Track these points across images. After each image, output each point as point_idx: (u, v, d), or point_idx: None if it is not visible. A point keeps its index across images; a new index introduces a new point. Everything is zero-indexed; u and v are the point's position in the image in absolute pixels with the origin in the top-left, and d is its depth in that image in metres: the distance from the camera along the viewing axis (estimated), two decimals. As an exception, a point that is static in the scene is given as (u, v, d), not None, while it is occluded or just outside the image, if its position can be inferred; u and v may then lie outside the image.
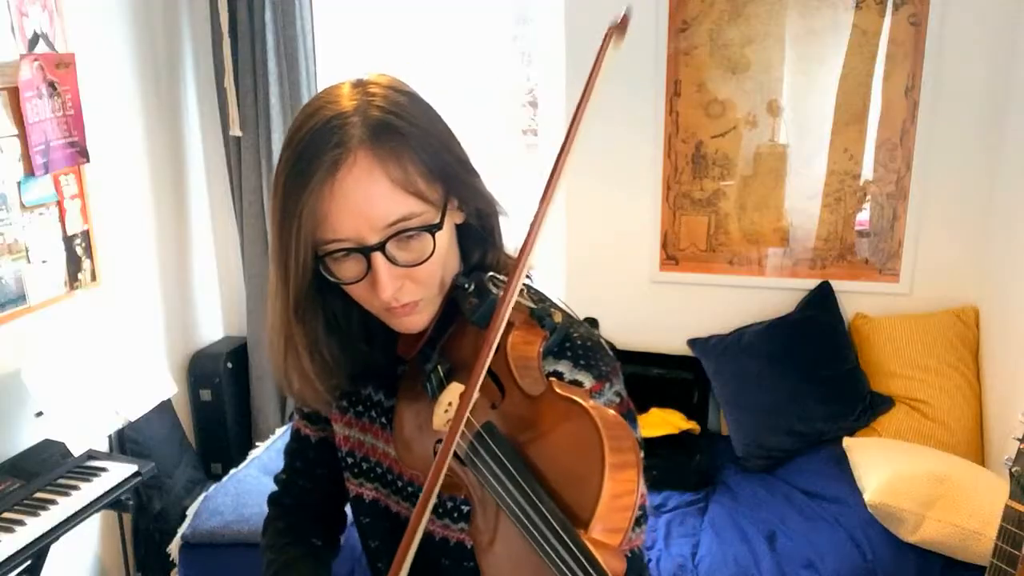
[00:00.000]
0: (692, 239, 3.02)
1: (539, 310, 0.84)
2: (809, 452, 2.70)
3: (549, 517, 0.68)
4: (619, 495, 0.69)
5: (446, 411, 0.81)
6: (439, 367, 0.86)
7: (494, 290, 0.85)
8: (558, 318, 0.85)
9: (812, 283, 2.91)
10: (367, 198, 0.79)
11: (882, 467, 2.32)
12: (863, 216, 2.88)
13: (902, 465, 2.31)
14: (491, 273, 0.87)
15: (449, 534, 0.95)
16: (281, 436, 2.98)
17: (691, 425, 2.90)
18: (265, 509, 1.18)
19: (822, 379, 2.75)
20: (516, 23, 3.13)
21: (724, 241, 2.99)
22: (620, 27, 0.77)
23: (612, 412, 0.73)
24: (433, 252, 0.83)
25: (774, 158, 2.89)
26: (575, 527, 0.68)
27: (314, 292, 0.88)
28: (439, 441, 0.83)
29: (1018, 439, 1.61)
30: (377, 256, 0.81)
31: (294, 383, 0.94)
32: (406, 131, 0.81)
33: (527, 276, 0.88)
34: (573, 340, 0.90)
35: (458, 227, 0.90)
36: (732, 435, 2.81)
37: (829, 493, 2.48)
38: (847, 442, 2.56)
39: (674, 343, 3.04)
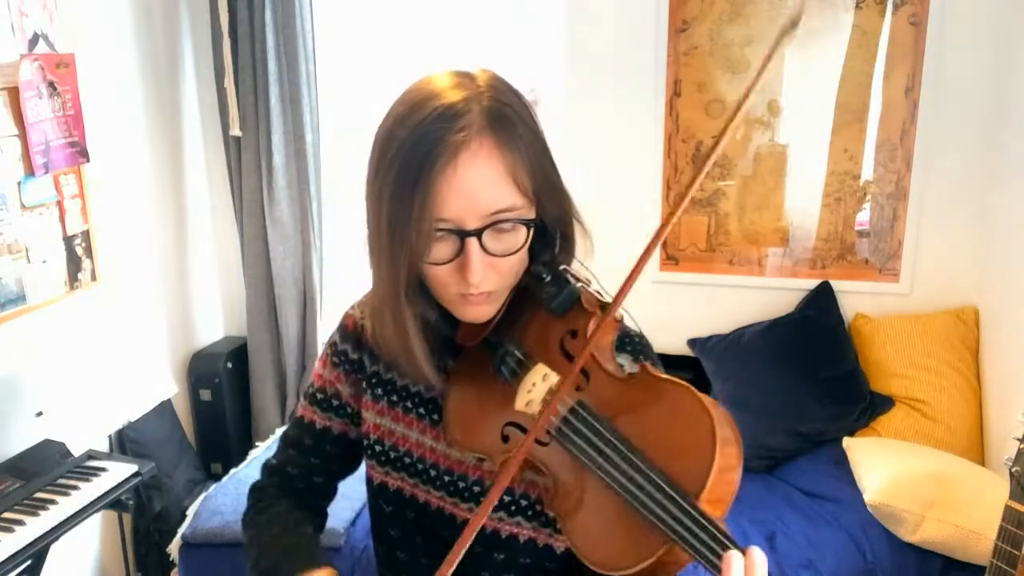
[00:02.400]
0: (692, 239, 3.02)
1: (607, 304, 0.88)
2: (809, 452, 2.70)
3: (664, 486, 0.72)
4: (725, 469, 0.73)
5: (529, 391, 0.86)
6: (516, 350, 0.89)
7: (572, 281, 0.89)
8: (617, 313, 0.89)
9: (812, 283, 2.91)
10: (482, 184, 0.82)
11: (882, 467, 2.32)
12: (863, 216, 2.88)
13: (902, 465, 2.31)
14: (564, 267, 0.91)
15: (502, 527, 0.97)
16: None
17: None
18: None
19: (822, 379, 2.75)
20: (516, 23, 3.13)
21: (724, 241, 2.99)
22: (793, 25, 0.85)
23: (708, 396, 0.77)
24: (522, 246, 0.87)
25: (774, 158, 2.89)
26: (688, 495, 0.72)
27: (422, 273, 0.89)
28: (510, 423, 0.87)
29: (1018, 439, 1.61)
30: (472, 242, 0.83)
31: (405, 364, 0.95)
32: (518, 125, 0.84)
33: (588, 279, 0.93)
34: (631, 335, 0.97)
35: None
36: (732, 435, 2.81)
37: (829, 493, 2.48)
38: (847, 442, 2.56)
39: (674, 343, 3.04)
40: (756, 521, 2.43)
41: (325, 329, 3.34)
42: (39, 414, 2.36)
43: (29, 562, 2.07)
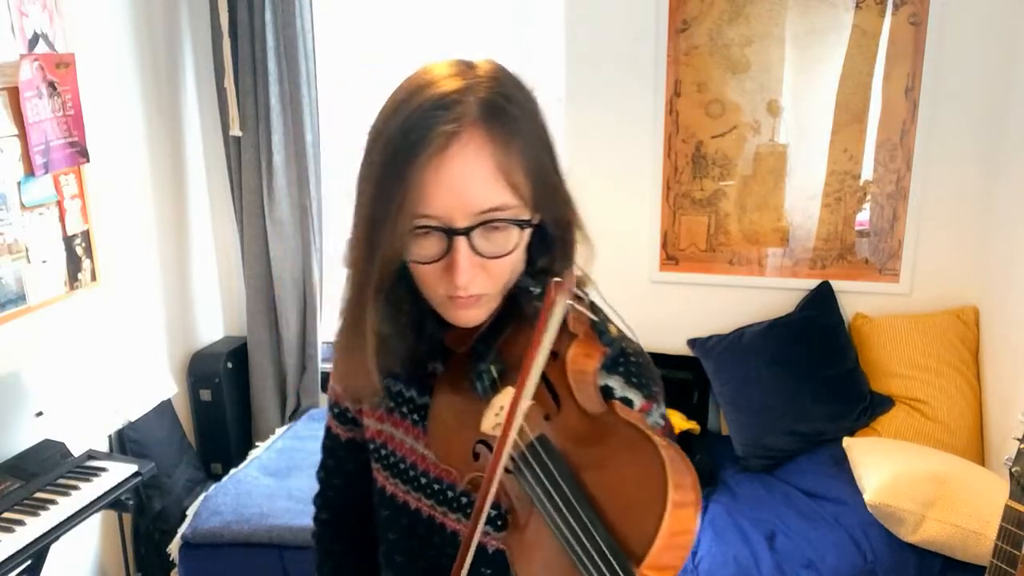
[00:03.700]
0: (692, 239, 3.02)
1: (600, 323, 0.82)
2: (809, 452, 2.70)
3: (603, 546, 0.67)
4: (677, 533, 0.67)
5: (497, 414, 0.80)
6: (492, 367, 0.84)
7: None
8: (614, 331, 0.84)
9: (812, 283, 2.91)
10: (471, 179, 0.77)
11: (882, 467, 2.32)
12: (863, 216, 2.88)
13: (902, 465, 2.31)
14: (556, 279, 0.84)
15: (488, 541, 0.95)
16: (281, 436, 2.98)
17: (691, 425, 2.90)
18: (265, 509, 1.19)
19: (822, 379, 2.75)
20: (516, 23, 3.13)
21: (724, 241, 2.99)
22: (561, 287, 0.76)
23: (675, 446, 0.71)
24: (514, 248, 0.82)
25: (774, 158, 2.89)
26: (628, 560, 0.66)
27: (398, 270, 0.84)
28: (481, 442, 0.83)
29: (1018, 439, 1.62)
30: (461, 240, 0.79)
31: (350, 367, 0.92)
32: (517, 118, 0.80)
33: (583, 290, 0.87)
34: (627, 356, 0.90)
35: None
36: (732, 435, 2.81)
37: (829, 493, 2.48)
38: (847, 442, 2.56)
39: (674, 343, 3.04)
40: (756, 521, 2.43)
41: (325, 329, 3.34)
42: (39, 414, 2.36)
43: (29, 562, 2.07)
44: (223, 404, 3.23)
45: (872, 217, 2.86)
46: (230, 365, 3.27)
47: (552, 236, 0.88)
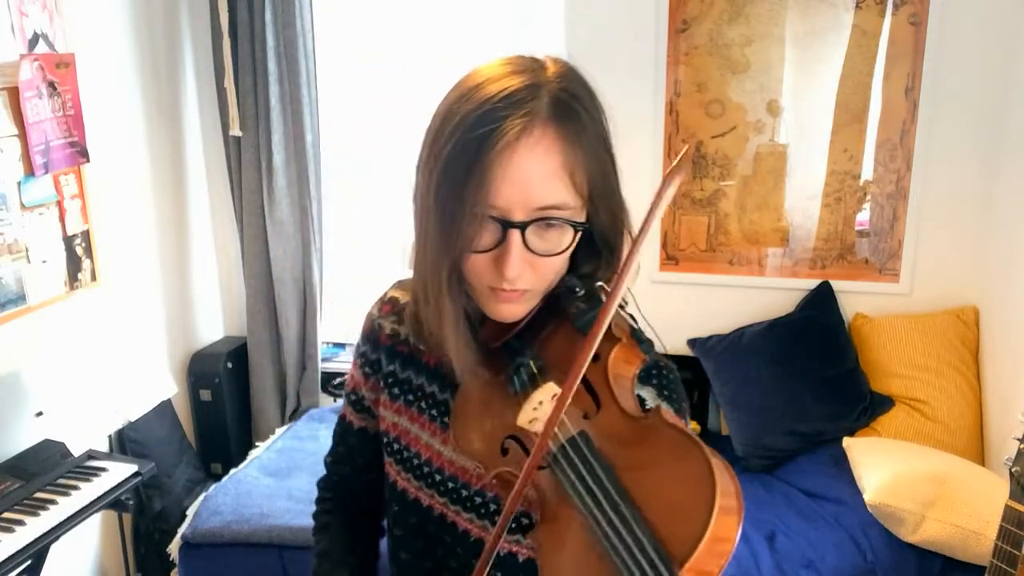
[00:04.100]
0: (692, 239, 3.02)
1: (639, 331, 0.83)
2: (809, 452, 2.70)
3: (644, 542, 0.67)
4: (720, 539, 0.66)
5: (535, 409, 0.80)
6: (532, 362, 0.84)
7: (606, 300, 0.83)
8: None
9: (812, 283, 2.91)
10: (536, 175, 0.78)
11: (882, 467, 2.32)
12: (863, 216, 2.88)
13: (902, 465, 2.31)
14: (600, 283, 0.85)
15: (499, 545, 0.93)
16: (281, 436, 2.98)
17: (691, 425, 2.89)
18: (265, 509, 1.19)
19: (822, 379, 2.75)
20: (516, 23, 3.13)
21: (724, 241, 2.99)
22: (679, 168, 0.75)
23: (719, 456, 0.71)
24: (566, 249, 0.82)
25: (774, 158, 2.89)
26: (671, 560, 0.66)
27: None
28: (511, 437, 0.83)
29: (1018, 439, 1.62)
30: (515, 234, 0.79)
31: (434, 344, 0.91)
32: (584, 119, 0.80)
33: (623, 300, 0.87)
34: (661, 370, 0.91)
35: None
36: (732, 435, 2.81)
37: (829, 493, 2.48)
38: (847, 442, 2.56)
39: (674, 343, 3.03)
40: (756, 521, 2.43)
41: (325, 329, 3.34)
42: (39, 414, 2.36)
43: (29, 562, 2.07)
44: (223, 404, 3.23)
45: (872, 217, 2.86)
46: (230, 365, 3.27)
47: (600, 242, 0.88)
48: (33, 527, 2.01)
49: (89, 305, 2.68)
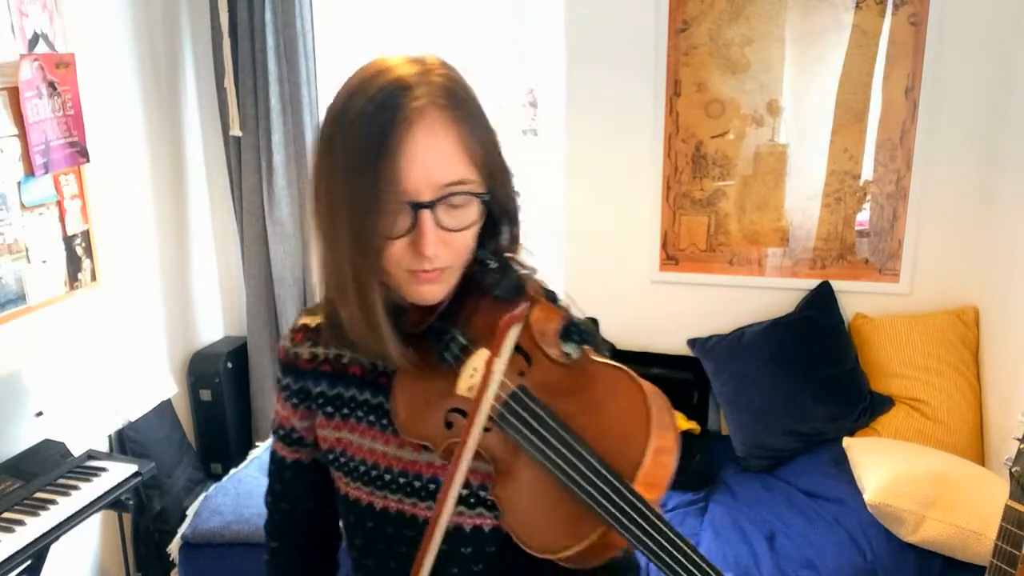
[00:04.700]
0: (692, 239, 3.02)
1: (552, 292, 0.91)
2: (809, 452, 2.70)
3: (601, 470, 0.74)
4: (661, 451, 0.75)
5: (471, 375, 0.86)
6: (459, 336, 0.89)
7: (517, 268, 0.91)
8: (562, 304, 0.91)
9: (812, 283, 2.91)
10: (437, 154, 0.82)
11: (882, 467, 2.32)
12: (863, 216, 2.88)
13: (902, 465, 2.30)
14: (508, 254, 0.92)
15: (464, 521, 0.97)
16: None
17: (691, 425, 2.90)
18: (264, 510, 1.19)
19: (822, 379, 2.75)
20: (516, 23, 3.13)
21: (724, 241, 2.99)
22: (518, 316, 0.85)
23: (646, 381, 0.78)
24: (475, 222, 0.87)
25: (774, 158, 2.89)
26: (622, 475, 0.74)
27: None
28: (453, 410, 0.88)
29: (1018, 439, 1.61)
30: (426, 214, 0.83)
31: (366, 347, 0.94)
32: (468, 101, 0.87)
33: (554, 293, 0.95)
34: (578, 324, 0.95)
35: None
36: (732, 435, 2.81)
37: (829, 493, 2.48)
38: (847, 442, 2.56)
39: (674, 343, 3.04)
40: (756, 521, 2.43)
41: (325, 329, 3.33)
42: (39, 414, 2.36)
43: (29, 562, 2.07)
44: (223, 404, 3.23)
45: (872, 217, 2.86)
46: (230, 365, 3.27)
47: (500, 213, 0.93)
48: (33, 527, 2.01)
49: (89, 305, 2.68)
